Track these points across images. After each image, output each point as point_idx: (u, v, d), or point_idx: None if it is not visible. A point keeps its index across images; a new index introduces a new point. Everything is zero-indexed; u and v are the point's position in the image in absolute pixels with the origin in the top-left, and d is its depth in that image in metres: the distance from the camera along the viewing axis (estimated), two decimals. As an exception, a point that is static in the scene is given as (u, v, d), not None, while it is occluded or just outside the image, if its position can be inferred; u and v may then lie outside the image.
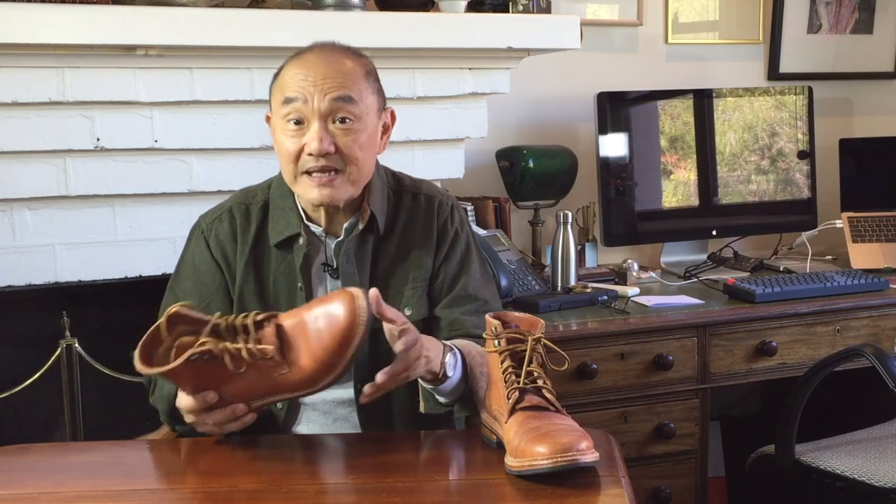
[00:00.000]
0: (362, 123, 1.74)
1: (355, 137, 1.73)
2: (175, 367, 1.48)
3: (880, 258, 3.10)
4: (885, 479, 2.27)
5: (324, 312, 1.49)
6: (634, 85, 3.15)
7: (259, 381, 1.53)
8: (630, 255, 3.06)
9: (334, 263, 1.82)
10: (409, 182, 1.92)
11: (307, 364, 1.50)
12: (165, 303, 1.89)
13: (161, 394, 1.76)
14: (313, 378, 1.51)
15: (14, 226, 2.36)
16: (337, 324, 1.48)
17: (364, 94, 1.75)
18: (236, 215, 1.85)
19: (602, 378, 2.48)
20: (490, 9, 2.75)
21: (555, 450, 1.38)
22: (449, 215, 1.89)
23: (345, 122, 1.73)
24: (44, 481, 1.53)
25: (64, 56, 2.28)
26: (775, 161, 3.23)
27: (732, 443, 3.17)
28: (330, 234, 1.83)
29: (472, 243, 1.92)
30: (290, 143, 1.74)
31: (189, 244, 1.90)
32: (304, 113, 1.72)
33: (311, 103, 1.71)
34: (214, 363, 1.49)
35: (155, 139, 2.42)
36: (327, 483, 1.57)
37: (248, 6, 2.57)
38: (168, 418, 1.77)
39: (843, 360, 2.41)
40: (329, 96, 1.71)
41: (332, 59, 1.75)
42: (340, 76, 1.73)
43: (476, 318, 1.82)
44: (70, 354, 2.48)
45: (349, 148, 1.73)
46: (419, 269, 1.85)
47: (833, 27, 3.53)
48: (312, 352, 1.49)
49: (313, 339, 1.49)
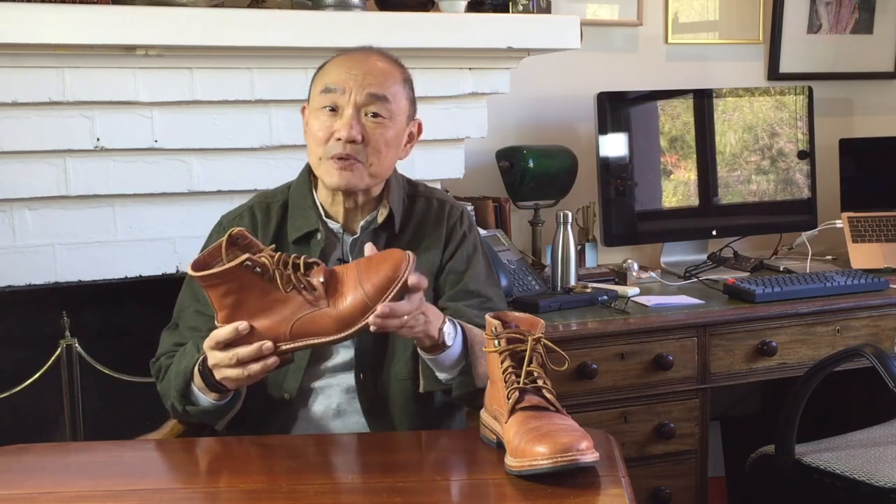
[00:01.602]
0: (392, 122, 1.84)
1: (383, 132, 1.82)
2: (228, 269, 1.52)
3: (880, 258, 3.10)
4: (885, 479, 2.27)
5: (373, 262, 1.58)
6: (634, 85, 3.15)
7: (296, 316, 1.56)
8: (630, 255, 3.06)
9: (349, 259, 1.86)
10: (424, 188, 2.02)
11: (348, 303, 1.55)
12: (183, 296, 1.93)
13: (177, 371, 1.77)
14: (349, 319, 1.55)
15: (14, 226, 2.36)
16: (384, 269, 1.56)
17: (398, 98, 1.86)
18: (257, 213, 1.92)
19: (602, 378, 2.48)
20: (490, 9, 2.75)
21: (555, 450, 1.39)
22: (459, 219, 1.97)
23: (376, 116, 1.82)
24: (44, 481, 1.53)
25: (64, 56, 2.28)
26: (775, 161, 3.23)
27: (732, 443, 3.17)
28: (347, 231, 1.89)
29: (479, 246, 1.99)
30: (322, 128, 1.82)
31: (210, 240, 1.94)
32: (341, 102, 1.82)
33: (349, 94, 1.81)
34: (261, 283, 1.54)
35: (155, 139, 2.42)
36: (328, 483, 1.57)
37: (248, 6, 2.57)
38: (179, 397, 1.77)
39: (843, 360, 2.41)
40: (367, 91, 1.81)
41: (375, 60, 1.87)
42: (381, 76, 1.84)
43: (479, 312, 1.85)
44: (70, 354, 2.48)
45: (376, 140, 1.81)
46: (427, 265, 1.89)
47: (833, 27, 3.53)
48: (356, 292, 1.55)
49: (358, 280, 1.56)
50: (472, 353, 1.73)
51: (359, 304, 1.55)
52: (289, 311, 1.56)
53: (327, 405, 1.85)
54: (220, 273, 1.53)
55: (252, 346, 1.58)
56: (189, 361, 1.74)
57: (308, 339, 1.58)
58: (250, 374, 1.61)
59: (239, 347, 1.58)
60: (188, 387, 1.74)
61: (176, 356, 1.81)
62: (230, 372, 1.62)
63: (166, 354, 1.87)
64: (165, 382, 1.83)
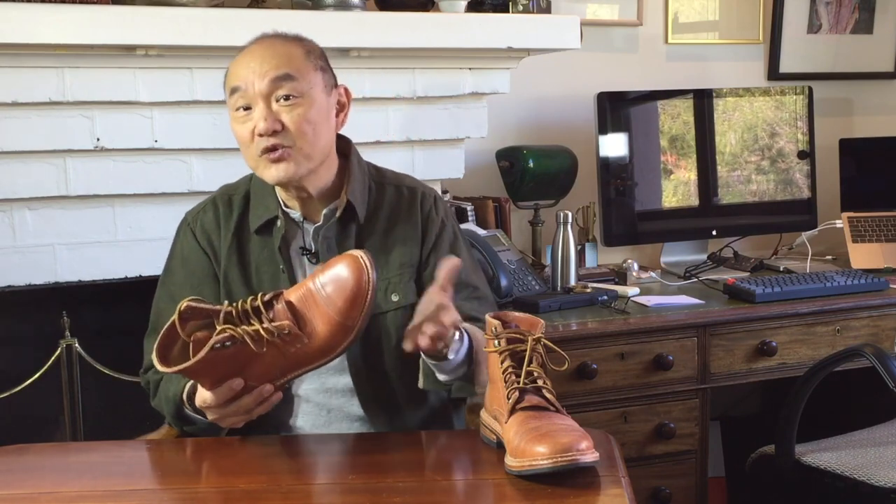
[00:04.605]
0: (307, 99, 1.77)
1: (301, 112, 1.76)
2: (200, 360, 1.49)
3: (880, 258, 3.10)
4: (885, 479, 2.27)
5: (329, 278, 1.54)
6: (634, 85, 3.15)
7: (280, 359, 1.55)
8: (630, 255, 3.06)
9: (312, 248, 1.84)
10: (392, 175, 1.96)
11: (324, 331, 1.53)
12: (158, 298, 1.92)
13: (166, 395, 1.76)
14: (332, 343, 1.55)
15: (14, 226, 2.36)
16: (345, 284, 1.53)
17: (305, 71, 1.78)
18: (219, 205, 1.90)
19: (602, 378, 2.48)
20: (490, 9, 2.75)
21: (555, 450, 1.38)
22: (433, 205, 1.92)
23: (288, 98, 1.76)
24: (44, 481, 1.53)
25: (64, 56, 2.28)
26: (775, 161, 3.23)
27: (732, 443, 3.17)
28: (308, 220, 1.86)
29: (457, 232, 1.96)
30: (242, 129, 1.78)
31: (177, 239, 1.94)
32: (249, 98, 1.76)
33: (253, 87, 1.75)
34: (234, 350, 1.51)
35: (155, 139, 2.42)
36: (327, 483, 1.57)
37: (248, 6, 2.57)
38: (175, 420, 1.77)
39: (843, 360, 2.41)
40: (268, 77, 1.75)
41: (269, 45, 1.80)
42: (277, 57, 1.77)
43: (470, 304, 1.84)
44: (70, 354, 2.48)
45: (296, 123, 1.75)
46: (405, 256, 1.87)
47: (833, 27, 3.53)
48: (327, 318, 1.53)
49: (325, 305, 1.53)
50: (475, 360, 1.70)
51: (336, 328, 1.54)
52: (271, 358, 1.55)
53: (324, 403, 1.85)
54: (192, 364, 1.50)
55: (252, 394, 1.58)
56: (175, 389, 1.73)
57: (300, 368, 1.58)
58: (256, 415, 1.62)
59: (241, 400, 1.58)
60: (181, 411, 1.74)
61: (163, 379, 1.79)
62: (235, 419, 1.62)
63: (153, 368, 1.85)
64: (158, 401, 1.83)
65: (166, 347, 1.54)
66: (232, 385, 1.55)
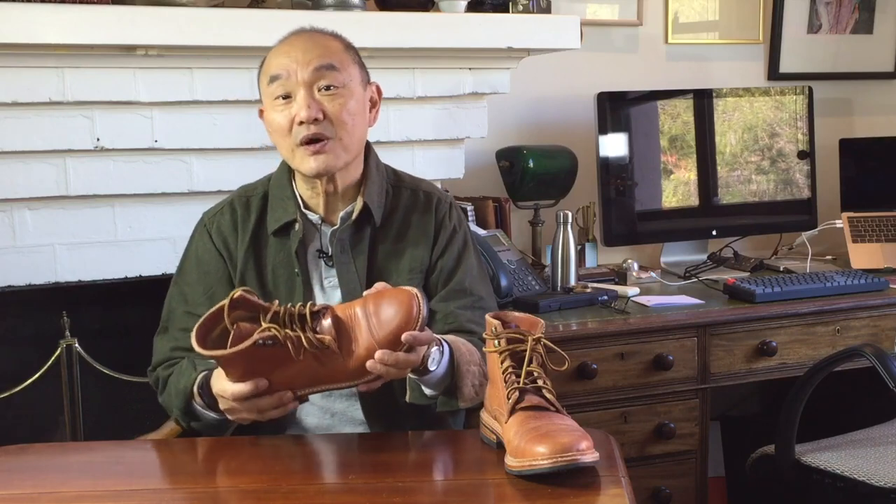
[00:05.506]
0: (348, 90, 1.79)
1: (342, 102, 1.77)
2: (240, 351, 1.50)
3: (880, 258, 3.10)
4: (885, 479, 2.27)
5: (381, 307, 1.55)
6: (634, 85, 3.15)
7: (311, 371, 1.56)
8: (630, 255, 3.06)
9: (329, 251, 1.84)
10: (409, 179, 1.96)
11: (361, 356, 1.55)
12: (170, 297, 1.92)
13: (176, 388, 1.77)
14: (364, 371, 1.55)
15: (14, 226, 2.36)
16: (394, 319, 1.53)
17: (346, 64, 1.80)
18: (237, 207, 1.90)
19: (602, 378, 2.48)
20: (490, 9, 2.75)
21: (555, 450, 1.39)
22: (447, 212, 1.93)
23: (330, 89, 1.77)
24: (44, 481, 1.53)
25: (64, 56, 2.28)
26: (775, 161, 3.23)
27: (732, 443, 3.17)
28: (326, 223, 1.86)
29: (469, 240, 1.95)
30: (281, 118, 1.78)
31: (193, 239, 1.94)
32: (290, 86, 1.77)
33: (295, 76, 1.76)
34: (272, 350, 1.53)
35: (155, 139, 2.42)
36: (327, 483, 1.57)
37: (248, 6, 2.57)
38: (182, 415, 1.77)
39: (843, 360, 2.41)
40: (311, 66, 1.76)
41: (309, 37, 1.82)
42: (320, 48, 1.80)
43: (471, 313, 1.84)
44: (70, 354, 2.48)
45: (337, 113, 1.77)
46: (416, 261, 1.87)
47: (833, 27, 3.53)
48: (369, 345, 1.54)
49: (369, 332, 1.54)
50: (457, 373, 1.69)
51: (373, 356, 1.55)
52: (303, 368, 1.56)
53: (328, 407, 1.85)
54: (230, 353, 1.51)
55: (273, 397, 1.58)
56: (186, 381, 1.73)
57: (326, 385, 1.59)
58: (268, 417, 1.61)
59: (260, 399, 1.58)
60: (190, 405, 1.74)
61: (173, 373, 1.80)
62: (247, 416, 1.62)
63: (163, 364, 1.86)
64: (167, 397, 1.83)
65: (208, 330, 1.55)
66: (258, 384, 1.56)
